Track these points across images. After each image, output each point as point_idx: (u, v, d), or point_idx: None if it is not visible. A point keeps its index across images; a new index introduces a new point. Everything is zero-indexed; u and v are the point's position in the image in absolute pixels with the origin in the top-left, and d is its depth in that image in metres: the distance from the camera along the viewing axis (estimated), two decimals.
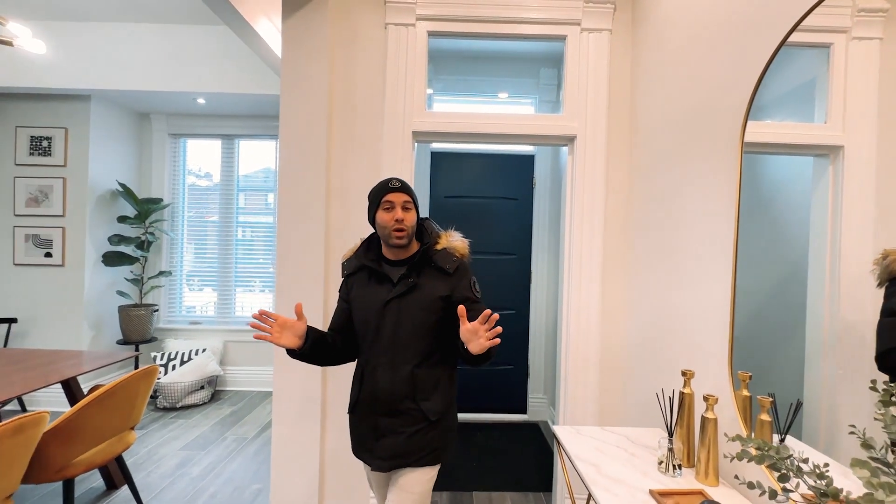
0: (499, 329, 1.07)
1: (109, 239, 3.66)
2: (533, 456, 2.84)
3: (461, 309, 1.12)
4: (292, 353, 1.25)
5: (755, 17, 1.22)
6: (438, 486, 2.42)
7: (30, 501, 2.22)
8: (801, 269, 1.04)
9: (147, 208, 3.68)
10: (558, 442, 1.46)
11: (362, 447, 1.31)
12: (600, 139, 2.05)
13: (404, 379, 1.24)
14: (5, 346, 3.29)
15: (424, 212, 3.39)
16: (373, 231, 1.37)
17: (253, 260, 4.09)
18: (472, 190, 3.48)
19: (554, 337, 3.38)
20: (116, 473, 2.33)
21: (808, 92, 1.07)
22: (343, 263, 1.40)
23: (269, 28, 2.44)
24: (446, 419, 1.31)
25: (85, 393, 2.18)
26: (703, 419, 1.19)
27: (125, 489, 2.34)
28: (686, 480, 1.19)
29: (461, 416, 3.40)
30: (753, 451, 0.68)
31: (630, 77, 2.08)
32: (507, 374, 3.47)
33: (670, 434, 1.25)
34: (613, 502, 1.08)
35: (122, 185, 3.62)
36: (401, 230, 1.26)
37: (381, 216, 1.27)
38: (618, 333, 2.08)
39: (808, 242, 1.02)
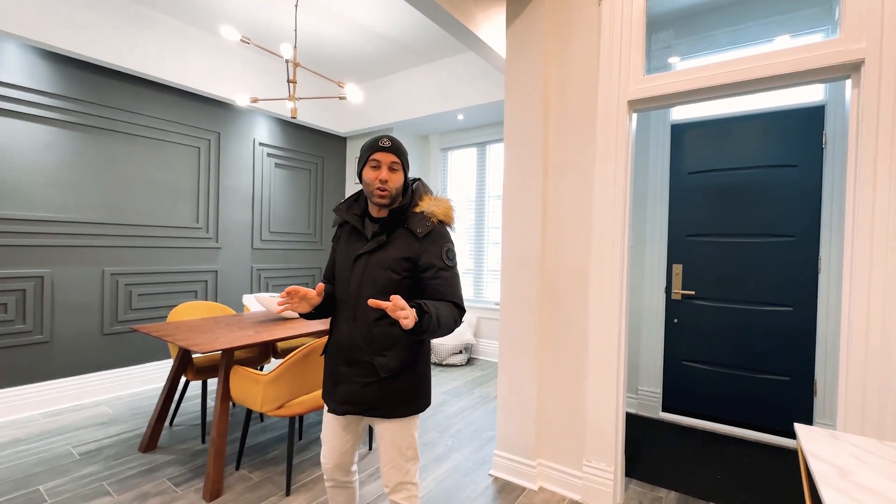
0: (402, 312, 1.06)
1: None
2: (803, 487, 2.18)
3: (392, 300, 1.08)
4: (302, 314, 1.33)
5: None
6: (664, 484, 2.21)
7: None
8: None
9: None
10: (799, 445, 1.17)
11: (325, 390, 1.36)
12: None
13: (362, 333, 1.27)
14: None
15: (662, 191, 3.11)
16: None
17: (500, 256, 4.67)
18: (727, 161, 2.93)
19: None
20: None
21: None
22: (333, 210, 1.41)
23: (498, 40, 2.82)
24: (401, 378, 1.29)
25: None
26: None
27: None
28: None
29: (708, 424, 2.94)
30: None
31: None
32: (780, 386, 2.75)
33: None
34: None
35: None
36: (384, 190, 1.26)
37: (367, 173, 1.28)
38: None
39: None
